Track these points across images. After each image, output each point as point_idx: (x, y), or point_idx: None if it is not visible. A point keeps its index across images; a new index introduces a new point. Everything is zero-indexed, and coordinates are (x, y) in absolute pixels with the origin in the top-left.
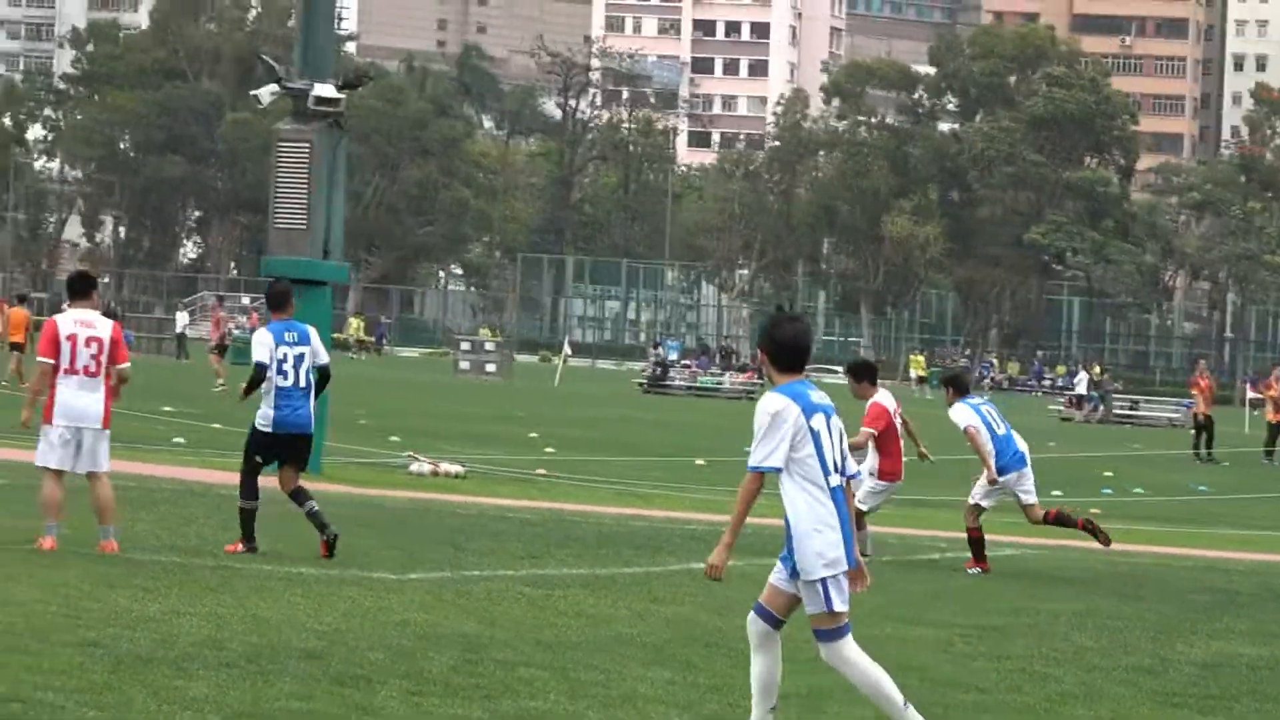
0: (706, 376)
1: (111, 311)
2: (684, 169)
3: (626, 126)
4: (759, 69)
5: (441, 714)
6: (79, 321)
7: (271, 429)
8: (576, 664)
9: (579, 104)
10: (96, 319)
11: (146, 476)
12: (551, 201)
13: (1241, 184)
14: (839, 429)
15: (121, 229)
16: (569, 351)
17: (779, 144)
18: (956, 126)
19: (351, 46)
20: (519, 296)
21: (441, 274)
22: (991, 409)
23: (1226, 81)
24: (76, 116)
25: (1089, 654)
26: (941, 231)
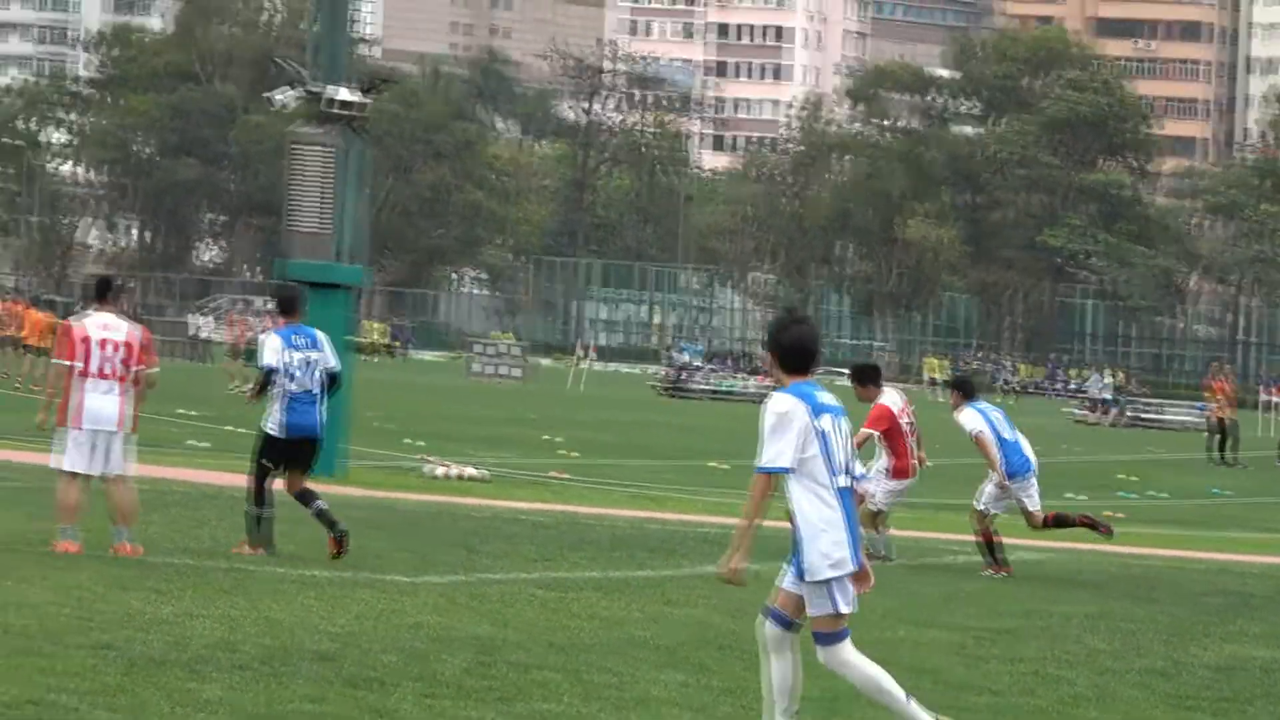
0: (724, 380)
1: (136, 317)
2: (700, 171)
3: (641, 129)
4: (777, 73)
5: (455, 716)
6: (100, 325)
7: (281, 434)
8: (590, 666)
9: (594, 107)
10: (118, 323)
11: (159, 479)
12: (566, 204)
13: (1258, 187)
14: (847, 430)
15: (135, 232)
16: (588, 355)
17: (797, 147)
18: (971, 130)
19: (378, 51)
20: (535, 300)
21: (455, 277)
22: (999, 414)
23: (1244, 85)
24: (93, 120)
25: (1102, 656)
26: (957, 234)
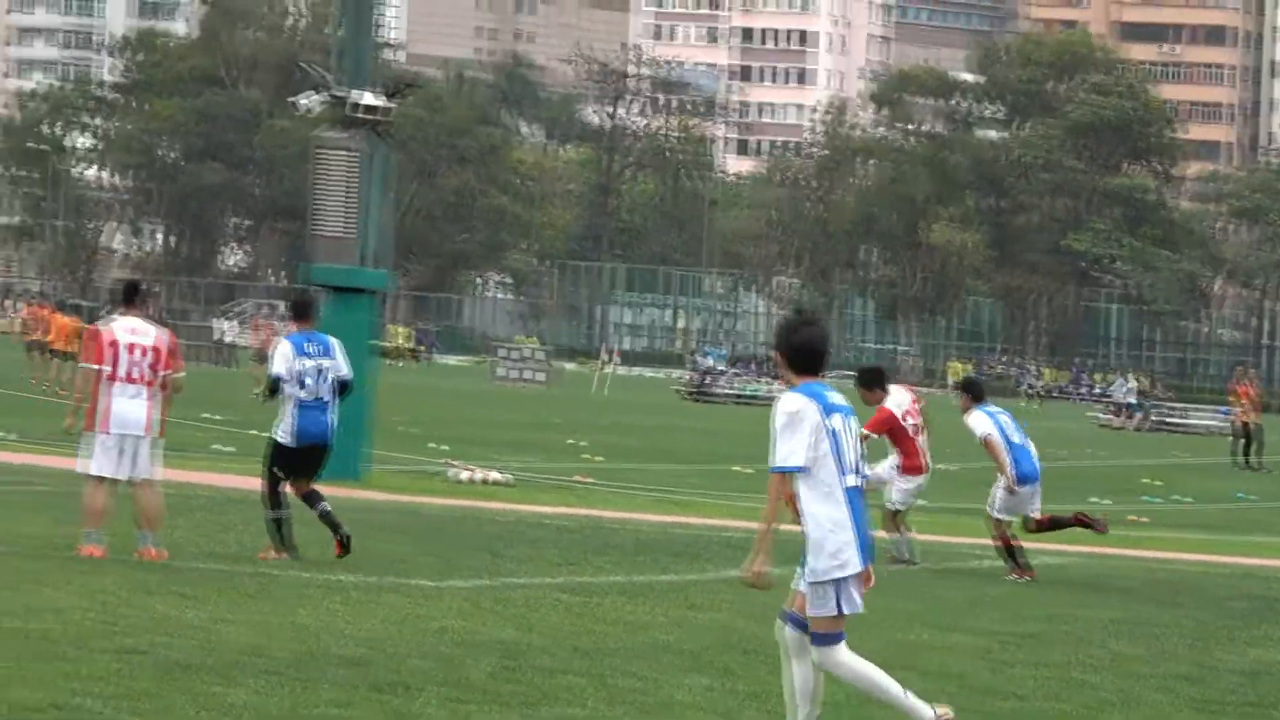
0: (749, 384)
1: (161, 321)
2: (725, 175)
3: (666, 134)
4: (802, 77)
5: None
6: (128, 330)
7: (291, 442)
8: (615, 671)
9: (619, 111)
10: (145, 327)
11: (184, 483)
12: (591, 209)
13: None
14: (857, 430)
15: (160, 236)
16: (614, 360)
17: (822, 151)
18: (995, 134)
19: (402, 55)
20: (559, 304)
21: (480, 282)
22: (1008, 417)
23: (1268, 89)
24: (118, 125)
25: (1128, 661)
26: (982, 238)
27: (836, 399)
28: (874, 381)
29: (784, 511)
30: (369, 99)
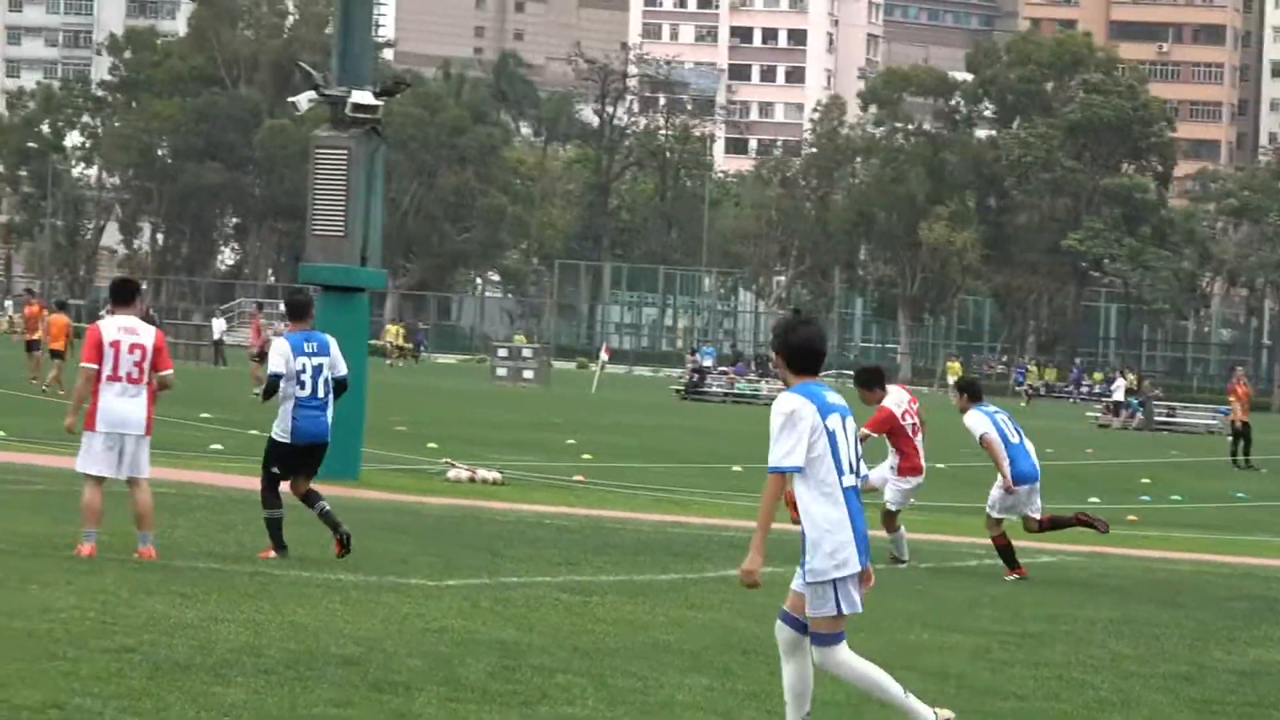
0: (743, 383)
1: (150, 318)
2: (721, 175)
3: (663, 133)
4: (796, 76)
5: None
6: (122, 328)
7: (289, 440)
8: (614, 671)
9: (616, 111)
10: (139, 326)
11: (184, 483)
12: (588, 208)
13: (1279, 190)
14: (854, 430)
15: (159, 236)
16: (606, 358)
17: (816, 150)
18: (993, 133)
19: (389, 54)
20: (556, 303)
21: (479, 281)
22: (1005, 417)
23: (1264, 88)
24: (114, 124)
25: (1126, 661)
26: (978, 238)
27: (834, 399)
28: (873, 381)
29: (780, 511)
30: (366, 98)
